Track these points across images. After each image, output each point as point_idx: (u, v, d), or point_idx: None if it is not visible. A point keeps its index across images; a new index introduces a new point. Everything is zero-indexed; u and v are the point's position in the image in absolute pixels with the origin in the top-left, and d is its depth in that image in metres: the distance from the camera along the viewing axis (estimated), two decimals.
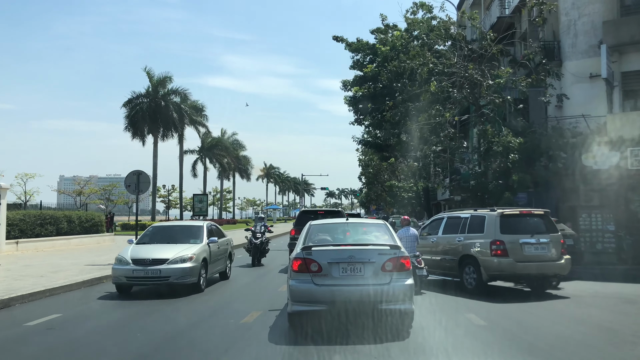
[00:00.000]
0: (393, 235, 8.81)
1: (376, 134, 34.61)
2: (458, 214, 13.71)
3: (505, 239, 11.62)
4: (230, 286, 13.64)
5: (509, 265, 11.51)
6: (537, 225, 12.07)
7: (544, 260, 11.66)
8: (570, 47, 21.79)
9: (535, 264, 11.61)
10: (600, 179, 18.72)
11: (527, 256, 11.55)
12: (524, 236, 11.69)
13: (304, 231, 9.13)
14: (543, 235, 11.78)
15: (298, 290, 7.84)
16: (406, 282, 7.88)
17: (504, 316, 9.54)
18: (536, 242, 11.66)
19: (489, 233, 11.87)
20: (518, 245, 11.59)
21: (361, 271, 7.80)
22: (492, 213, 12.20)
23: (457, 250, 12.67)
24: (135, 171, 18.70)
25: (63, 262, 18.39)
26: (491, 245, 11.64)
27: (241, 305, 10.48)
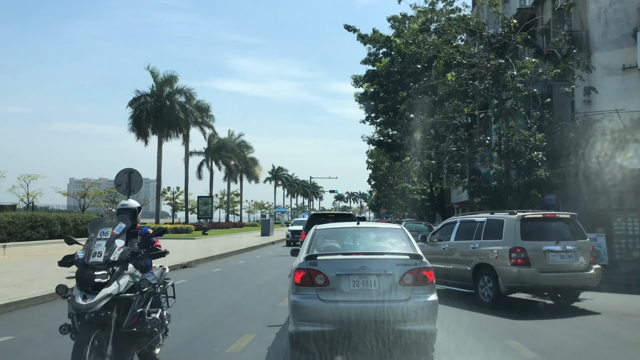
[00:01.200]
0: (412, 242, 7.31)
1: (387, 133, 33.01)
2: (472, 218, 12.39)
3: (527, 245, 10.32)
4: (224, 298, 12.04)
5: (531, 275, 10.17)
6: (563, 231, 10.80)
7: (571, 271, 10.36)
8: (600, 36, 20.11)
9: (560, 274, 10.30)
10: (638, 180, 17.06)
11: (552, 265, 10.24)
12: (548, 243, 10.38)
13: (307, 237, 7.68)
14: (569, 241, 10.48)
15: (301, 307, 6.53)
16: (429, 299, 6.57)
17: (550, 342, 7.89)
18: (562, 250, 10.35)
19: (508, 239, 10.55)
20: (541, 253, 10.28)
21: (375, 285, 6.52)
22: (511, 216, 10.85)
23: (471, 259, 11.29)
24: (126, 169, 17.26)
25: (48, 268, 16.93)
26: (510, 253, 10.32)
27: (232, 325, 8.85)
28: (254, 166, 79.53)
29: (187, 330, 8.33)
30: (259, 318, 9.34)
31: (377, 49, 31.10)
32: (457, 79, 18.68)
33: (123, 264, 5.35)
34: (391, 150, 33.44)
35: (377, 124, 33.64)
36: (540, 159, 17.01)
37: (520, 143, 16.78)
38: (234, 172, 74.96)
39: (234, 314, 9.82)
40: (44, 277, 14.44)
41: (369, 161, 62.45)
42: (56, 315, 9.73)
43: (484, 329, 8.80)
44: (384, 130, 33.61)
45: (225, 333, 8.21)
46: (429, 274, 6.63)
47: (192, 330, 8.42)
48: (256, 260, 23.03)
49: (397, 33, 30.26)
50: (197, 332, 8.31)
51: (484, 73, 18.61)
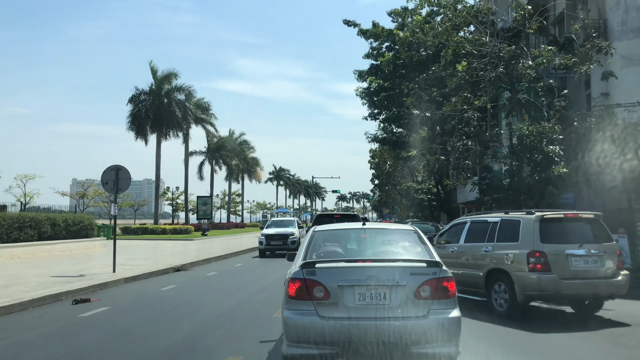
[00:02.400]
0: (428, 246, 6.12)
1: (392, 129, 31.79)
2: (485, 218, 11.19)
3: (547, 249, 9.21)
4: (213, 307, 10.85)
5: (552, 283, 9.06)
6: (586, 232, 9.66)
7: (597, 277, 9.22)
8: (619, 25, 18.87)
9: (585, 281, 9.18)
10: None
11: (575, 272, 9.13)
12: (571, 246, 9.28)
13: (304, 241, 6.49)
14: (594, 244, 9.35)
15: (295, 325, 5.40)
16: (451, 315, 5.42)
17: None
18: (586, 254, 9.25)
19: (526, 242, 9.45)
20: (563, 257, 9.16)
21: (386, 298, 5.41)
22: (528, 216, 9.70)
23: (483, 263, 10.19)
24: (113, 166, 16.06)
25: (28, 272, 15.79)
26: (528, 258, 9.23)
27: (216, 343, 7.63)
28: (255, 166, 78.37)
29: (161, 352, 7.14)
30: (250, 333, 8.14)
31: (380, 43, 29.94)
32: (468, 69, 17.47)
33: None
34: (396, 148, 32.23)
35: (381, 121, 32.42)
36: (557, 154, 15.80)
37: (536, 135, 15.54)
38: (235, 172, 73.83)
39: (220, 327, 8.60)
40: (23, 282, 13.30)
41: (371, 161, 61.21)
42: (13, 330, 8.56)
43: (501, 344, 7.63)
44: (388, 128, 32.41)
45: (204, 356, 6.99)
46: (450, 285, 5.47)
47: (167, 351, 7.22)
48: (254, 263, 21.87)
49: (399, 26, 29.14)
50: (171, 354, 7.11)
51: (496, 63, 17.38)
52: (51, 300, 11.26)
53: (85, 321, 9.21)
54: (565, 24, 21.15)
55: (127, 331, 8.47)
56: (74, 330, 8.57)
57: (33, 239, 23.04)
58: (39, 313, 10.01)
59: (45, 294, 11.34)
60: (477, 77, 18.09)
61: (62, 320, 9.26)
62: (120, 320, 9.36)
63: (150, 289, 13.48)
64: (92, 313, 9.87)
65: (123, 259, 20.34)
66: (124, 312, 10.16)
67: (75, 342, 7.76)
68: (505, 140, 19.82)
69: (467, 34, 22.53)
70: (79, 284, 13.01)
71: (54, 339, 7.93)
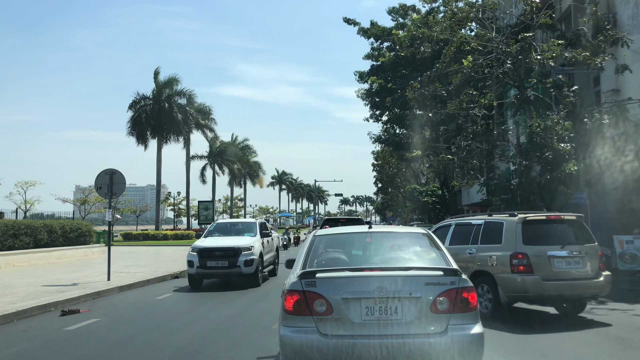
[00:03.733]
0: (444, 252, 5.47)
1: (394, 131, 31.15)
2: (469, 220, 11.29)
3: (530, 251, 9.30)
4: (209, 318, 10.22)
5: (535, 284, 9.14)
6: (568, 234, 9.81)
7: (579, 278, 9.32)
8: (630, 19, 18.21)
9: (567, 282, 9.29)
10: None
11: (557, 273, 9.23)
12: (553, 247, 9.36)
13: (304, 247, 5.81)
14: (576, 246, 9.48)
15: (294, 344, 4.76)
16: (472, 331, 4.77)
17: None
18: (568, 255, 9.34)
19: (509, 244, 9.55)
20: (545, 258, 9.25)
21: (397, 312, 4.77)
22: (511, 219, 9.86)
23: (467, 265, 10.08)
24: (107, 170, 15.47)
25: (19, 281, 15.18)
26: (511, 259, 9.34)
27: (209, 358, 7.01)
28: (257, 170, 77.76)
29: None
30: (247, 347, 7.51)
31: (380, 42, 29.39)
32: (473, 66, 16.84)
33: None
34: (399, 149, 31.61)
35: (384, 122, 31.81)
36: (568, 151, 15.15)
37: (546, 131, 14.90)
38: (237, 177, 73.26)
39: (214, 342, 7.95)
40: (10, 292, 12.68)
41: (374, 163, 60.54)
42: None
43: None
44: (391, 130, 31.80)
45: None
46: (471, 297, 4.82)
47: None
48: None
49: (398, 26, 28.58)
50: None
51: (503, 58, 16.74)
52: (38, 311, 10.64)
53: (71, 335, 8.59)
54: (572, 19, 20.50)
55: (114, 346, 7.84)
56: (57, 346, 7.93)
57: (29, 246, 22.48)
58: (23, 326, 9.39)
59: (32, 305, 10.72)
60: (482, 74, 17.45)
61: (45, 335, 8.62)
62: (108, 334, 8.71)
63: (145, 298, 12.85)
64: (80, 326, 9.24)
65: (120, 266, 19.76)
66: (113, 325, 9.52)
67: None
68: (512, 139, 19.18)
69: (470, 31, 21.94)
70: (70, 294, 12.40)
71: (32, 358, 7.31)
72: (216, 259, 14.55)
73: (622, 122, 16.03)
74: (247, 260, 14.46)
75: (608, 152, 16.02)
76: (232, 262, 14.43)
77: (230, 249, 14.64)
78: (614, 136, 16.03)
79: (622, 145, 15.97)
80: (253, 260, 14.57)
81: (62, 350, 7.65)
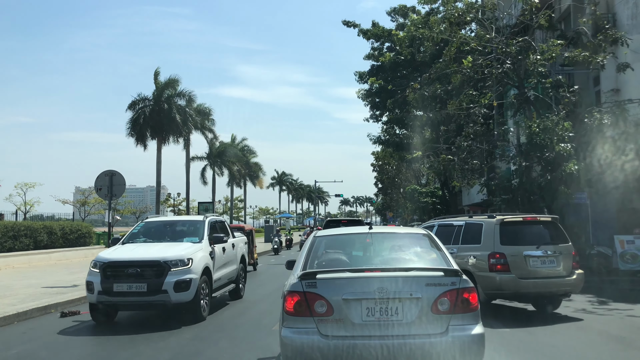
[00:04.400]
0: (445, 253, 5.46)
1: (394, 132, 31.15)
2: (450, 221, 11.92)
3: (507, 251, 9.82)
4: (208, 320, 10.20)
5: (511, 282, 9.69)
6: (544, 235, 10.33)
7: (553, 277, 9.86)
8: (629, 18, 18.21)
9: (541, 280, 9.84)
10: None
11: (533, 271, 9.76)
12: (529, 247, 9.89)
13: (304, 247, 5.81)
14: (551, 246, 10.00)
15: (295, 345, 4.75)
16: (473, 331, 4.75)
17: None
18: (543, 255, 9.86)
19: (487, 244, 10.07)
20: (521, 258, 9.76)
21: (398, 313, 4.77)
22: (490, 220, 10.43)
23: None
24: (107, 171, 15.48)
25: (19, 282, 15.17)
26: (490, 259, 9.83)
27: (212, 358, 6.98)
28: (257, 171, 77.74)
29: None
30: (247, 347, 7.50)
31: (381, 43, 29.40)
32: (473, 66, 16.83)
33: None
34: (399, 149, 31.60)
35: (384, 123, 31.82)
36: (568, 152, 15.14)
37: (546, 132, 14.90)
38: (237, 177, 73.25)
39: (214, 343, 7.96)
40: (10, 294, 12.67)
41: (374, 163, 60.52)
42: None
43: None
44: (391, 130, 31.77)
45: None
46: (472, 297, 4.81)
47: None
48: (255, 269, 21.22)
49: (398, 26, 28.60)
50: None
51: (502, 59, 16.73)
52: (38, 313, 10.63)
53: (71, 337, 8.58)
54: (572, 19, 20.50)
55: (115, 347, 7.83)
56: (57, 348, 7.92)
57: (29, 248, 22.49)
58: (24, 328, 9.38)
59: (32, 307, 10.70)
60: (482, 75, 17.45)
61: (45, 337, 8.60)
62: (109, 335, 8.70)
63: None
64: (79, 327, 9.23)
65: None
66: (114, 326, 9.50)
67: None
68: (513, 139, 19.18)
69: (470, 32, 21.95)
70: (70, 295, 12.39)
71: (33, 359, 7.30)
72: (129, 279, 9.15)
73: (622, 121, 16.03)
74: (180, 282, 9.13)
75: (608, 151, 16.01)
76: (154, 285, 9.08)
77: (152, 263, 9.26)
78: (614, 136, 16.03)
79: (622, 144, 15.96)
80: (190, 281, 9.25)
81: (63, 352, 7.65)
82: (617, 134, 16.07)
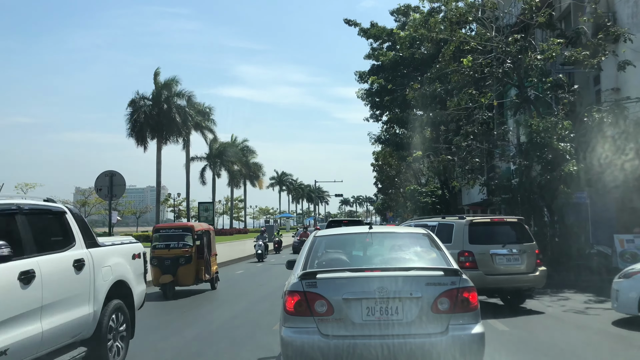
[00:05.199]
0: (444, 252, 5.47)
1: (395, 131, 31.14)
2: (425, 222, 12.61)
3: (474, 249, 10.56)
4: (209, 319, 10.22)
5: (479, 278, 9.90)
6: (510, 234, 11.16)
7: (517, 273, 10.63)
8: (629, 17, 18.19)
9: (506, 276, 10.58)
10: None
11: (498, 268, 10.50)
12: (495, 246, 10.68)
13: (304, 247, 5.80)
14: (515, 245, 10.82)
15: (295, 345, 4.76)
16: (473, 331, 4.75)
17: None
18: (508, 253, 10.68)
19: (457, 243, 10.75)
20: (488, 256, 10.51)
21: (398, 313, 4.77)
22: (460, 221, 11.24)
23: None
24: (107, 172, 15.49)
25: None
26: (459, 257, 10.34)
27: None
28: (257, 171, 77.82)
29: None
30: (247, 348, 7.51)
31: (381, 43, 29.42)
32: (473, 65, 16.83)
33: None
34: (399, 149, 31.60)
35: (384, 122, 31.81)
36: (568, 151, 15.15)
37: (546, 131, 14.91)
38: (237, 178, 73.33)
39: (215, 343, 7.97)
40: None
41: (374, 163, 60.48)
42: None
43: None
44: (391, 130, 31.77)
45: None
46: (472, 296, 4.83)
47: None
48: (256, 269, 21.29)
49: (400, 26, 28.61)
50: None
51: (502, 58, 16.73)
52: None
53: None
54: (572, 18, 20.51)
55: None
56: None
57: None
58: None
59: None
60: (482, 74, 17.45)
61: None
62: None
63: None
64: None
65: None
66: None
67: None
68: (513, 139, 19.19)
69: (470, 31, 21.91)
70: None
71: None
72: None
73: (622, 120, 16.04)
74: None
75: (608, 150, 16.03)
76: None
77: None
78: (614, 135, 16.04)
79: (622, 143, 15.97)
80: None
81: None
82: (617, 133, 16.09)
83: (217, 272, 14.49)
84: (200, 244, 13.65)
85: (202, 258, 13.35)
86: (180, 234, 13.46)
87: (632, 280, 8.87)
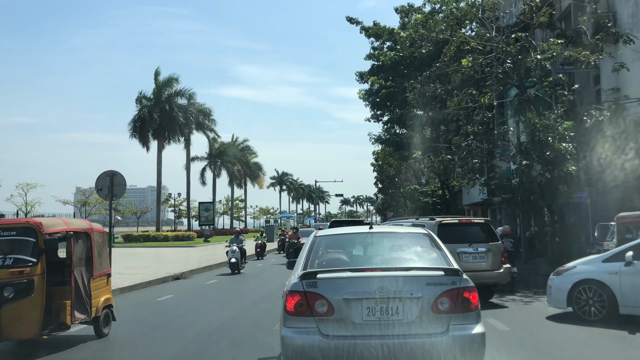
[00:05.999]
0: (445, 252, 5.47)
1: (395, 131, 31.13)
2: (401, 222, 13.33)
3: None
4: (210, 319, 10.22)
5: None
6: (477, 234, 11.88)
7: (483, 270, 11.36)
8: (630, 17, 18.19)
9: (472, 273, 10.47)
10: None
11: (465, 266, 10.64)
12: (462, 245, 11.41)
13: (305, 247, 5.80)
14: (482, 244, 11.56)
15: (295, 345, 4.76)
16: (474, 331, 4.74)
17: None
18: (474, 252, 11.46)
19: None
20: (455, 255, 10.75)
21: (399, 313, 4.78)
22: (430, 222, 11.93)
23: None
24: (107, 172, 15.46)
25: None
26: None
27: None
28: (258, 171, 77.75)
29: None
30: (247, 348, 7.52)
31: (382, 42, 29.41)
32: (473, 65, 16.84)
33: None
34: (400, 149, 31.58)
35: (384, 122, 31.78)
36: (569, 151, 15.14)
37: (546, 131, 14.91)
38: (237, 177, 73.26)
39: (215, 343, 7.96)
40: None
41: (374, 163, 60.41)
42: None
43: None
44: (391, 130, 31.74)
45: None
46: (472, 296, 4.84)
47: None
48: (256, 269, 21.27)
49: (402, 25, 28.60)
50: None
51: (503, 58, 16.73)
52: None
53: (72, 337, 8.59)
54: (572, 18, 20.51)
55: (116, 348, 7.85)
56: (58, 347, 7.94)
57: None
58: None
59: None
60: (482, 74, 17.45)
61: None
62: (109, 336, 8.71)
63: (146, 300, 12.86)
64: (81, 327, 9.24)
65: (122, 267, 19.75)
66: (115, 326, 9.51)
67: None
68: (513, 138, 19.17)
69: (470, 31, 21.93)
70: None
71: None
72: None
73: (621, 120, 16.04)
74: None
75: (608, 150, 16.03)
76: None
77: None
78: (614, 135, 16.03)
79: (622, 143, 15.97)
80: None
81: (64, 352, 7.65)
82: (617, 133, 16.09)
83: (109, 304, 8.63)
84: (67, 257, 8.05)
85: (64, 284, 7.82)
86: (9, 240, 7.16)
87: (562, 277, 9.69)
